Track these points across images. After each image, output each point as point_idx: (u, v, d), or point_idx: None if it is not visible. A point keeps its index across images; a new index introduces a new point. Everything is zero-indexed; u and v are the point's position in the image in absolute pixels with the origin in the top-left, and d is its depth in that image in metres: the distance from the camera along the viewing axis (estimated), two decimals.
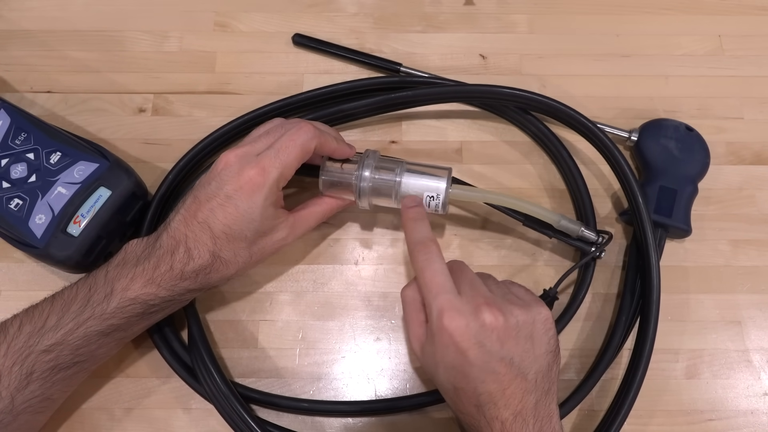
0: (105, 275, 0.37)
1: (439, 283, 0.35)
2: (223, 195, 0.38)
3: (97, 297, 0.36)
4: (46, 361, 0.35)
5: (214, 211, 0.38)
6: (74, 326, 0.36)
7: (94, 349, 0.37)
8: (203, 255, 0.38)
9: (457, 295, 0.34)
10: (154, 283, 0.37)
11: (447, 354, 0.34)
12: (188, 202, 0.39)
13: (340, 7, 0.56)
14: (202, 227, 0.38)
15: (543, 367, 0.34)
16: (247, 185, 0.38)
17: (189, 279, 0.38)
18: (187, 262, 0.37)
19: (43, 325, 0.36)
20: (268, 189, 0.38)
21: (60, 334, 0.35)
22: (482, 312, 0.33)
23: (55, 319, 0.36)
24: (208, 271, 0.38)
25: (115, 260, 0.39)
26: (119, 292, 0.36)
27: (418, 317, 0.37)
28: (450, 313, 0.33)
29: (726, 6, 0.56)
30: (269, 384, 0.43)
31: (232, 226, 0.38)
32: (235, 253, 0.39)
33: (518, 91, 0.45)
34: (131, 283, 0.37)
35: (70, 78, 0.53)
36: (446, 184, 0.42)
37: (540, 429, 0.33)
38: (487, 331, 0.33)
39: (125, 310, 0.37)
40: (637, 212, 0.43)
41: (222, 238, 0.38)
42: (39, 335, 0.35)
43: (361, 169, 0.42)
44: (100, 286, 0.37)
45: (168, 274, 0.37)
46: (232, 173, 0.38)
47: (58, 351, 0.36)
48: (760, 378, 0.44)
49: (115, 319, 0.37)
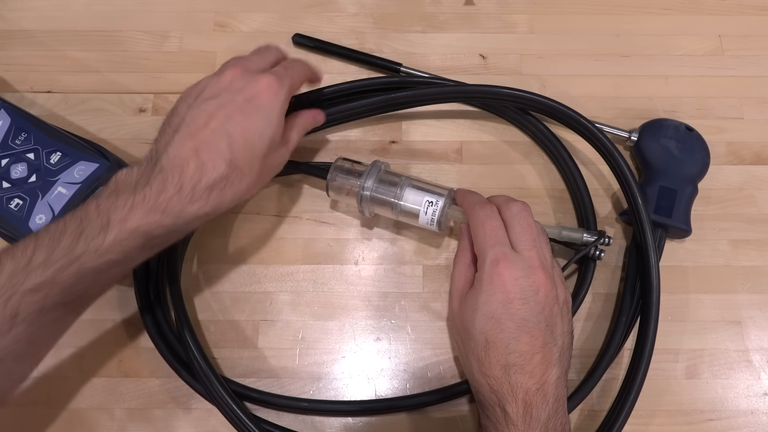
0: (97, 206, 0.33)
1: (499, 236, 0.37)
2: (241, 99, 0.37)
3: (90, 230, 0.33)
4: (33, 301, 0.32)
5: (233, 116, 0.36)
6: (66, 263, 0.32)
7: (86, 287, 0.33)
8: (218, 165, 0.35)
9: (512, 250, 0.37)
10: (158, 209, 0.33)
11: (491, 300, 0.35)
12: (191, 115, 0.36)
13: (340, 7, 0.56)
14: (216, 134, 0.35)
15: (565, 345, 0.36)
16: (266, 89, 0.38)
17: (200, 200, 0.35)
18: (200, 177, 0.34)
19: (28, 262, 0.32)
20: (284, 95, 0.38)
21: (50, 272, 0.32)
22: (535, 272, 0.36)
23: (43, 255, 0.32)
24: (223, 185, 0.35)
25: (106, 191, 0.35)
26: (117, 224, 0.33)
27: (465, 273, 0.40)
28: (506, 263, 0.36)
29: (726, 6, 0.56)
30: (269, 384, 0.43)
31: (251, 129, 0.36)
32: (250, 164, 0.37)
33: (517, 92, 0.45)
34: (130, 213, 0.33)
35: (70, 78, 0.53)
36: (447, 198, 0.43)
37: (556, 411, 0.34)
38: (534, 291, 0.36)
39: (123, 244, 0.33)
40: (637, 213, 0.43)
41: (239, 143, 0.36)
42: (24, 273, 0.31)
43: (366, 177, 0.43)
44: (92, 218, 0.33)
45: (176, 197, 0.34)
46: (247, 81, 0.38)
47: (47, 290, 0.32)
48: (760, 378, 0.44)
49: (112, 254, 0.33)
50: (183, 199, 0.34)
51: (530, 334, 0.35)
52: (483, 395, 0.36)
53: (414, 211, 0.43)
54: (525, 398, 0.34)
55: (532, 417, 0.33)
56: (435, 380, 0.43)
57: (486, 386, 0.35)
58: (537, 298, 0.36)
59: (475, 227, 0.39)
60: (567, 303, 0.38)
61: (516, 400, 0.34)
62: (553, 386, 0.34)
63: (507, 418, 0.33)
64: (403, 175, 0.45)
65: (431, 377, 0.43)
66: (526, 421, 0.33)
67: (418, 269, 0.46)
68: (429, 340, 0.44)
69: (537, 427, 0.33)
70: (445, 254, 0.47)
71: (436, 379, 0.43)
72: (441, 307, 0.45)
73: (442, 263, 0.47)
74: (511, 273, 0.36)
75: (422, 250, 0.47)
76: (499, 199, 0.41)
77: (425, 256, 0.47)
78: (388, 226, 0.48)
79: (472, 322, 0.36)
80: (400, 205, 0.43)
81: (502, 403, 0.34)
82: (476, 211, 0.39)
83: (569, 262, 0.43)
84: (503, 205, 0.39)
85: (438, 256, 0.47)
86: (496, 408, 0.34)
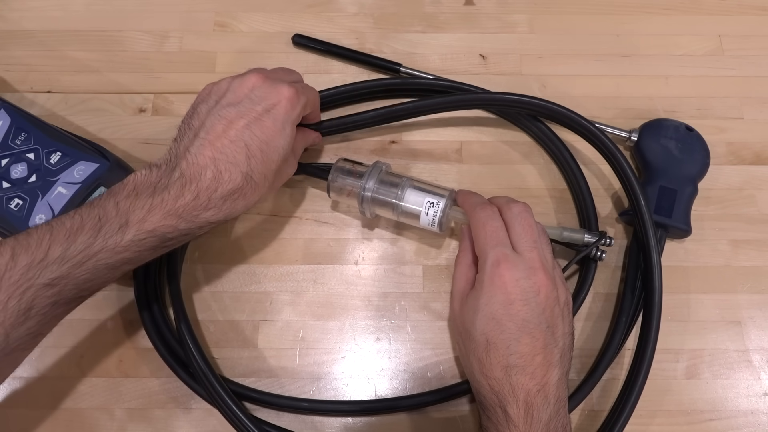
0: (116, 205, 0.34)
1: (500, 237, 0.38)
2: (261, 109, 0.37)
3: (109, 228, 0.33)
4: (48, 296, 0.32)
5: (251, 126, 0.37)
6: (83, 258, 0.33)
7: (99, 283, 0.34)
8: (234, 177, 0.36)
9: (513, 251, 0.37)
10: (175, 214, 0.35)
11: (492, 302, 0.36)
12: (209, 123, 0.37)
13: (340, 7, 0.56)
14: (235, 145, 0.36)
15: (566, 346, 0.36)
16: (286, 100, 0.38)
17: (214, 208, 0.36)
18: (216, 187, 0.35)
19: (44, 256, 0.32)
20: (301, 108, 0.39)
21: (66, 267, 0.32)
22: (536, 273, 0.36)
23: (60, 250, 0.32)
24: (237, 195, 0.36)
25: (124, 191, 0.35)
26: (135, 224, 0.34)
27: (466, 274, 0.40)
28: (507, 264, 0.36)
29: (726, 6, 0.56)
30: (269, 384, 0.43)
31: (270, 142, 0.37)
32: (264, 176, 0.37)
33: (519, 97, 0.44)
34: (149, 214, 0.34)
35: (70, 78, 0.53)
36: (448, 200, 0.43)
37: (557, 412, 0.34)
38: (535, 292, 0.36)
39: (140, 243, 0.34)
40: (639, 214, 0.43)
41: (257, 157, 0.37)
42: (40, 267, 0.32)
43: (367, 178, 0.43)
44: (111, 216, 0.34)
45: (192, 204, 0.35)
46: (267, 90, 0.38)
47: (62, 285, 0.32)
48: (760, 378, 0.44)
49: (128, 253, 0.34)
50: (198, 206, 0.35)
51: (531, 335, 0.35)
52: (484, 396, 0.36)
53: (415, 212, 0.43)
54: (526, 399, 0.34)
55: (533, 418, 0.33)
56: (435, 380, 0.43)
57: (487, 387, 0.35)
58: (538, 299, 0.36)
59: (476, 228, 0.39)
60: (568, 304, 0.38)
61: (517, 401, 0.34)
62: (554, 387, 0.34)
63: (508, 419, 0.34)
64: (404, 176, 0.45)
65: (431, 377, 0.43)
66: (527, 422, 0.33)
67: (418, 269, 0.46)
68: (429, 340, 0.44)
69: (538, 428, 0.33)
70: (446, 254, 0.47)
71: (436, 379, 0.43)
72: (441, 307, 0.45)
73: (443, 263, 0.47)
74: (512, 274, 0.36)
75: (422, 250, 0.47)
76: (500, 200, 0.41)
77: (425, 257, 0.47)
78: (388, 226, 0.48)
79: (473, 323, 0.36)
80: (401, 206, 0.43)
81: (503, 404, 0.34)
82: (477, 212, 0.39)
83: (570, 263, 0.43)
84: (504, 206, 0.40)
85: (438, 256, 0.47)
86: (497, 409, 0.34)
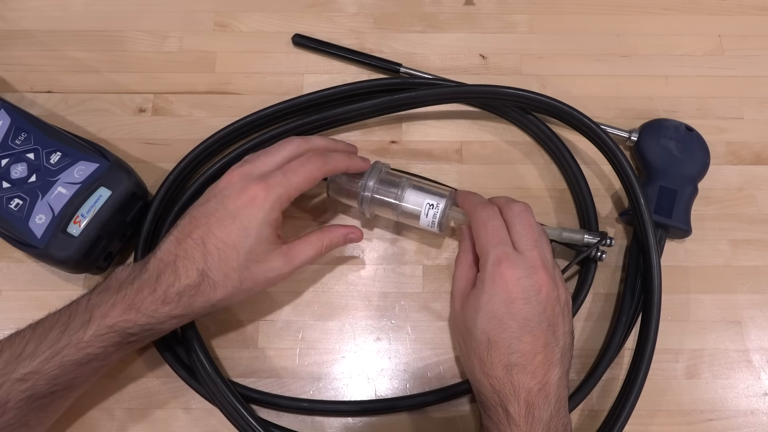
0: (87, 302, 0.36)
1: (501, 236, 0.38)
2: (224, 210, 0.37)
3: (74, 324, 0.35)
4: (21, 390, 0.34)
5: (211, 227, 0.37)
6: (50, 354, 0.34)
7: (71, 378, 0.35)
8: (191, 273, 0.36)
9: (514, 250, 0.37)
10: (134, 308, 0.35)
11: (494, 300, 0.36)
12: (183, 222, 0.38)
13: (340, 7, 0.56)
14: (195, 244, 0.37)
15: (567, 345, 0.37)
16: (249, 200, 0.37)
17: (171, 303, 0.36)
18: (173, 282, 0.36)
19: (21, 352, 0.34)
20: (270, 205, 0.37)
21: (36, 363, 0.34)
22: (537, 272, 0.36)
23: (33, 346, 0.34)
24: (193, 292, 0.36)
25: (100, 286, 0.37)
26: (97, 320, 0.35)
27: (466, 273, 0.40)
28: (508, 263, 0.36)
29: (726, 6, 0.57)
30: (269, 384, 0.43)
31: (226, 241, 0.36)
32: (225, 275, 0.37)
33: (520, 91, 0.45)
34: (111, 309, 0.35)
35: (70, 78, 0.53)
36: (448, 200, 0.43)
37: (558, 411, 0.34)
38: (536, 291, 0.36)
39: (102, 339, 0.35)
40: (639, 214, 0.43)
41: (213, 255, 0.36)
42: (16, 363, 0.34)
43: (367, 178, 0.43)
44: (79, 313, 0.35)
45: (150, 298, 0.36)
46: (235, 190, 0.38)
47: (33, 380, 0.34)
48: (760, 378, 0.44)
49: (91, 348, 0.35)
50: (156, 301, 0.36)
51: (532, 333, 0.35)
52: (485, 395, 0.36)
53: (415, 213, 0.43)
54: (527, 398, 0.34)
55: (534, 417, 0.33)
56: (435, 380, 0.43)
57: (488, 386, 0.35)
58: (539, 298, 0.36)
59: (476, 228, 0.39)
60: (568, 303, 0.38)
61: (518, 400, 0.34)
62: (555, 386, 0.34)
63: (509, 418, 0.34)
64: (404, 176, 0.45)
65: (431, 377, 0.43)
66: (528, 422, 0.33)
67: (418, 269, 0.46)
68: (429, 340, 0.44)
69: (539, 427, 0.33)
70: (446, 254, 0.47)
71: (436, 379, 0.43)
72: (441, 307, 0.45)
73: (443, 263, 0.47)
74: (514, 273, 0.36)
75: (422, 250, 0.47)
76: (500, 200, 0.41)
77: (425, 257, 0.47)
78: (388, 226, 0.48)
79: (474, 321, 0.36)
80: (401, 207, 0.43)
81: (504, 403, 0.34)
82: (478, 211, 0.39)
83: (570, 264, 0.43)
84: (504, 205, 0.40)
85: (438, 256, 0.47)
86: (498, 408, 0.34)
